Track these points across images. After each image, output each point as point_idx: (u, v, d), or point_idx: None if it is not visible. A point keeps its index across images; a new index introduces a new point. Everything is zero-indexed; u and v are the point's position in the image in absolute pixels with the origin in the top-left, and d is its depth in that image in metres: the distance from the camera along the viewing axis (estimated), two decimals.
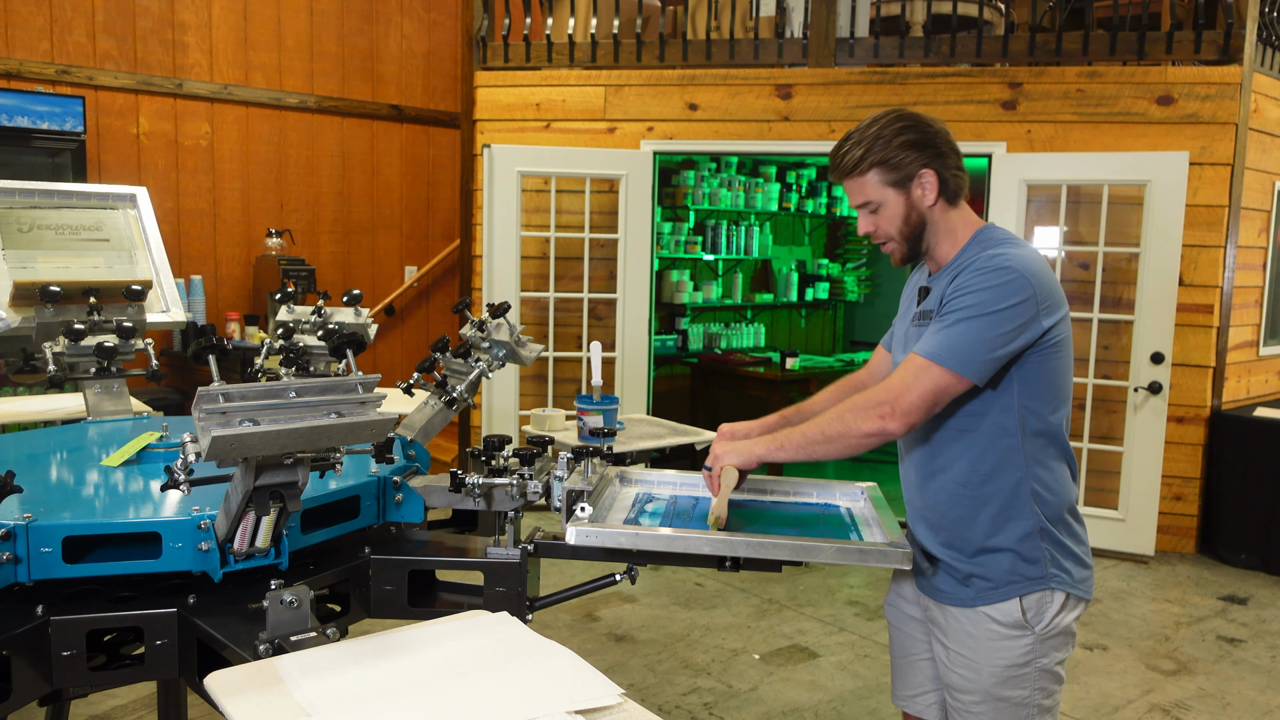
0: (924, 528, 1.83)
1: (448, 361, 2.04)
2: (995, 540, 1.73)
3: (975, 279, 1.65)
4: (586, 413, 2.40)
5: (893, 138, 1.71)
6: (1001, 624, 1.72)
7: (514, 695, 1.19)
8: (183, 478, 1.34)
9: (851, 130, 1.76)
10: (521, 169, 5.34)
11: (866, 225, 1.79)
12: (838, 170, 1.79)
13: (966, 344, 1.63)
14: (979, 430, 1.72)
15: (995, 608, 1.73)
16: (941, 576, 1.80)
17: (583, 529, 1.57)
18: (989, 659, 1.73)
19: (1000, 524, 1.72)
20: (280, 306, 2.46)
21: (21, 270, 2.44)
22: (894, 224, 1.76)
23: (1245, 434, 4.90)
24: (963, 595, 1.76)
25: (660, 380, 6.60)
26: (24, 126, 4.83)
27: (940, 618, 1.81)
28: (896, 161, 1.72)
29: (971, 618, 1.75)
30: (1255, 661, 3.79)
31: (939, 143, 1.74)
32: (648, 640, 3.83)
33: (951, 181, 1.75)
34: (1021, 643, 1.72)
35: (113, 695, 3.20)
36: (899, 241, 1.78)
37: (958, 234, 1.78)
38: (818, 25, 5.26)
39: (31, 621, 1.40)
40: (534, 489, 1.75)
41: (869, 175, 1.74)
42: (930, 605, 1.84)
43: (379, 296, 6.52)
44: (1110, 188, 4.84)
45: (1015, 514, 1.72)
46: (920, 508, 1.84)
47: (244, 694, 1.17)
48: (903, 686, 1.97)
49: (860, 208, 1.79)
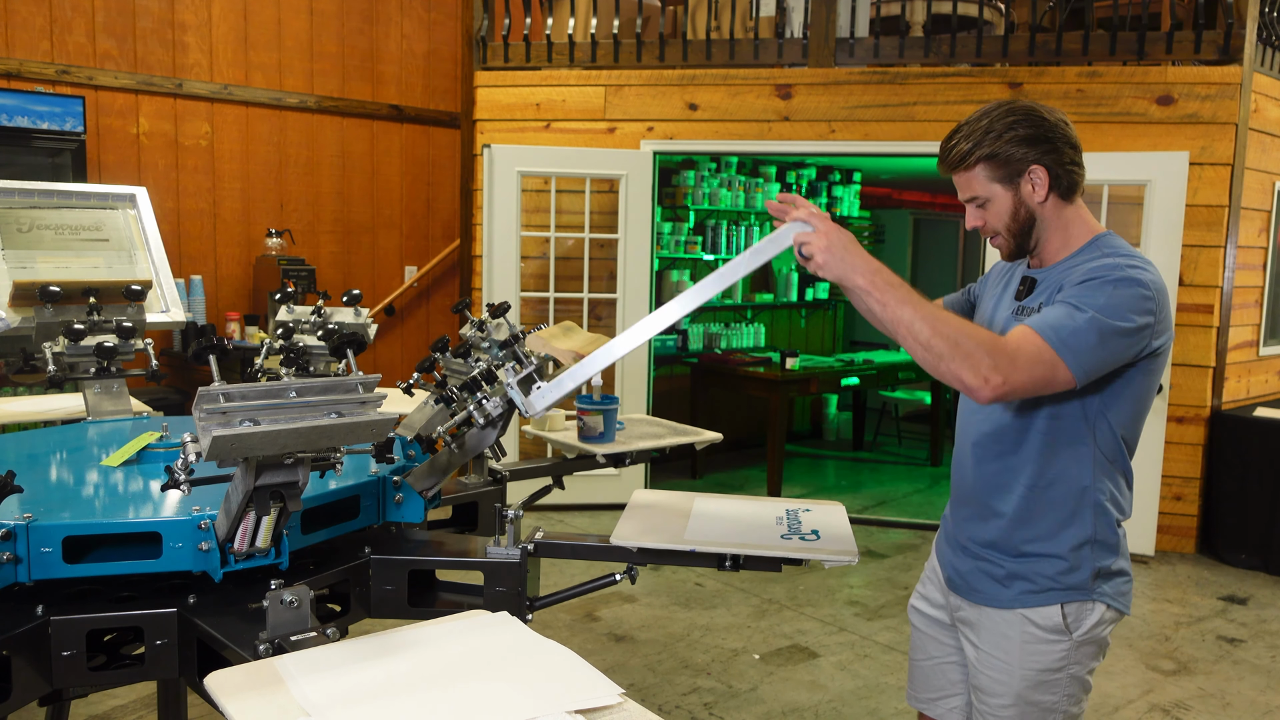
0: (971, 519, 1.78)
1: (448, 361, 2.04)
2: (1047, 545, 1.69)
3: (1114, 289, 1.57)
4: (586, 412, 2.40)
5: (1003, 132, 1.65)
6: (1040, 628, 1.69)
7: (514, 695, 1.19)
8: (183, 478, 1.34)
9: (962, 122, 1.71)
10: (521, 169, 5.34)
11: (974, 219, 1.74)
12: (945, 163, 1.73)
13: (1089, 348, 1.54)
14: (1056, 431, 1.67)
15: (1036, 611, 1.70)
16: (978, 576, 1.77)
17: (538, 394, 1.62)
18: (1023, 662, 1.71)
19: (1056, 529, 1.69)
20: (280, 306, 2.46)
21: (21, 270, 2.44)
22: (1002, 220, 1.70)
23: (1245, 434, 4.90)
24: (1002, 596, 1.73)
25: (660, 380, 6.60)
26: (24, 126, 4.83)
27: (973, 618, 1.78)
28: (1005, 156, 1.66)
29: (1008, 620, 1.72)
30: (1255, 661, 3.79)
31: (1054, 137, 1.66)
32: (648, 640, 3.83)
33: (1065, 178, 1.68)
34: (1058, 648, 1.69)
35: (113, 695, 3.19)
36: (1007, 237, 1.72)
37: (1070, 232, 1.72)
38: (818, 25, 5.26)
39: (31, 621, 1.39)
40: (494, 405, 1.71)
41: (976, 170, 1.68)
42: (963, 605, 1.81)
43: (379, 296, 6.51)
44: (1110, 188, 4.84)
45: (1073, 522, 1.69)
46: (971, 496, 1.79)
47: (244, 694, 1.17)
48: (923, 689, 1.95)
49: (968, 202, 1.73)
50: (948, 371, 1.52)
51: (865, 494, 6.25)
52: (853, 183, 7.99)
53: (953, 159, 1.70)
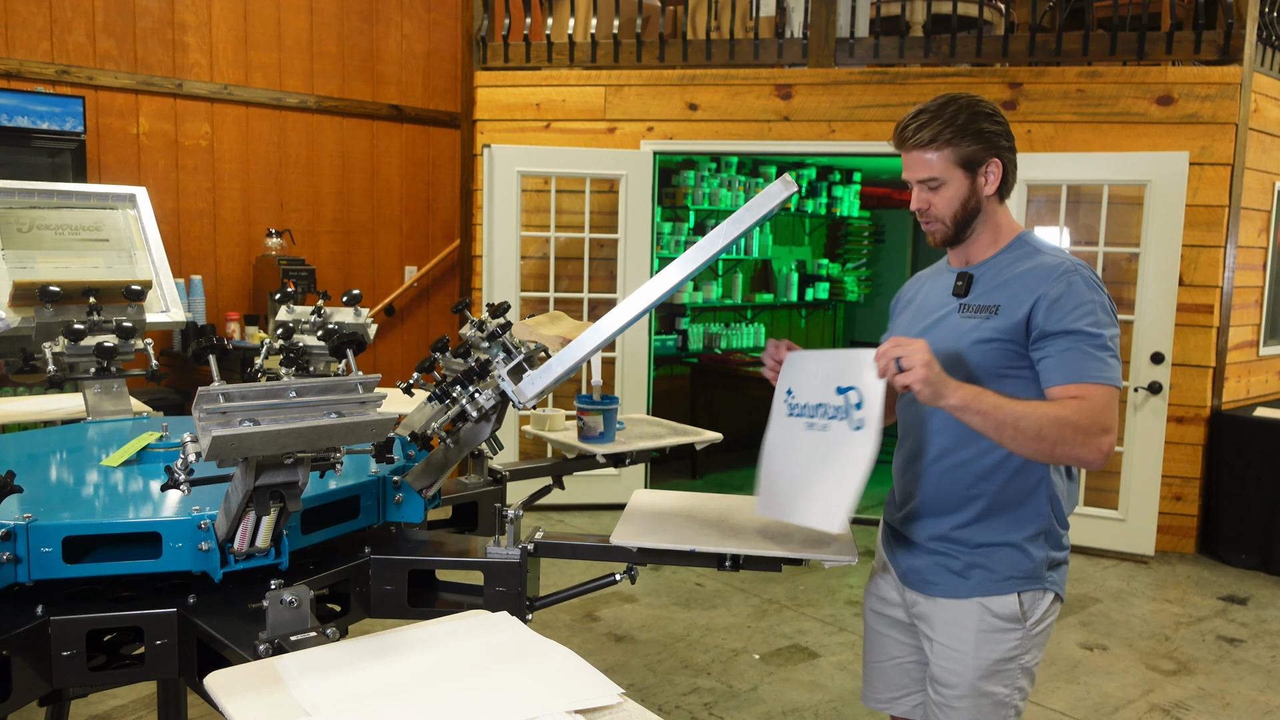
0: (927, 516, 1.81)
1: (447, 361, 2.04)
2: (1005, 535, 1.74)
3: (1087, 295, 1.68)
4: (586, 412, 2.40)
5: (971, 121, 1.70)
6: (997, 616, 1.74)
7: (514, 695, 1.19)
8: (183, 478, 1.34)
9: (924, 105, 1.74)
10: (521, 169, 5.34)
11: (920, 201, 1.76)
12: (908, 141, 1.74)
13: (1117, 362, 1.67)
14: None
15: (994, 600, 1.74)
16: (936, 570, 1.80)
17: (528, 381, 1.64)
18: (978, 651, 1.75)
19: (1014, 521, 1.74)
20: (280, 306, 2.46)
21: (21, 270, 2.44)
22: (951, 205, 1.74)
23: (1245, 434, 4.90)
24: (960, 587, 1.76)
25: (660, 380, 6.60)
26: (24, 126, 4.83)
27: (929, 611, 1.81)
28: (971, 145, 1.71)
29: (965, 609, 1.76)
30: (1255, 661, 3.79)
31: (1009, 136, 1.75)
32: (648, 640, 3.83)
33: (1010, 176, 1.77)
34: (1011, 637, 1.74)
35: (113, 695, 3.19)
36: (948, 224, 1.76)
37: (1000, 230, 1.79)
38: (818, 25, 5.26)
39: (31, 621, 1.40)
40: (486, 398, 1.72)
41: (942, 151, 1.71)
42: (919, 600, 1.83)
43: (379, 296, 6.52)
44: (1110, 188, 4.84)
45: (1030, 513, 1.74)
46: (926, 495, 1.81)
47: (244, 694, 1.17)
48: (883, 689, 1.97)
49: (920, 183, 1.75)
50: (1065, 455, 1.61)
51: (865, 494, 6.24)
52: (853, 183, 7.99)
53: (920, 137, 1.71)
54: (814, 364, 1.77)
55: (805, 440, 1.71)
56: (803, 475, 1.71)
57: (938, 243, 1.80)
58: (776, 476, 1.77)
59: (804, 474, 1.70)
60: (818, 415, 1.70)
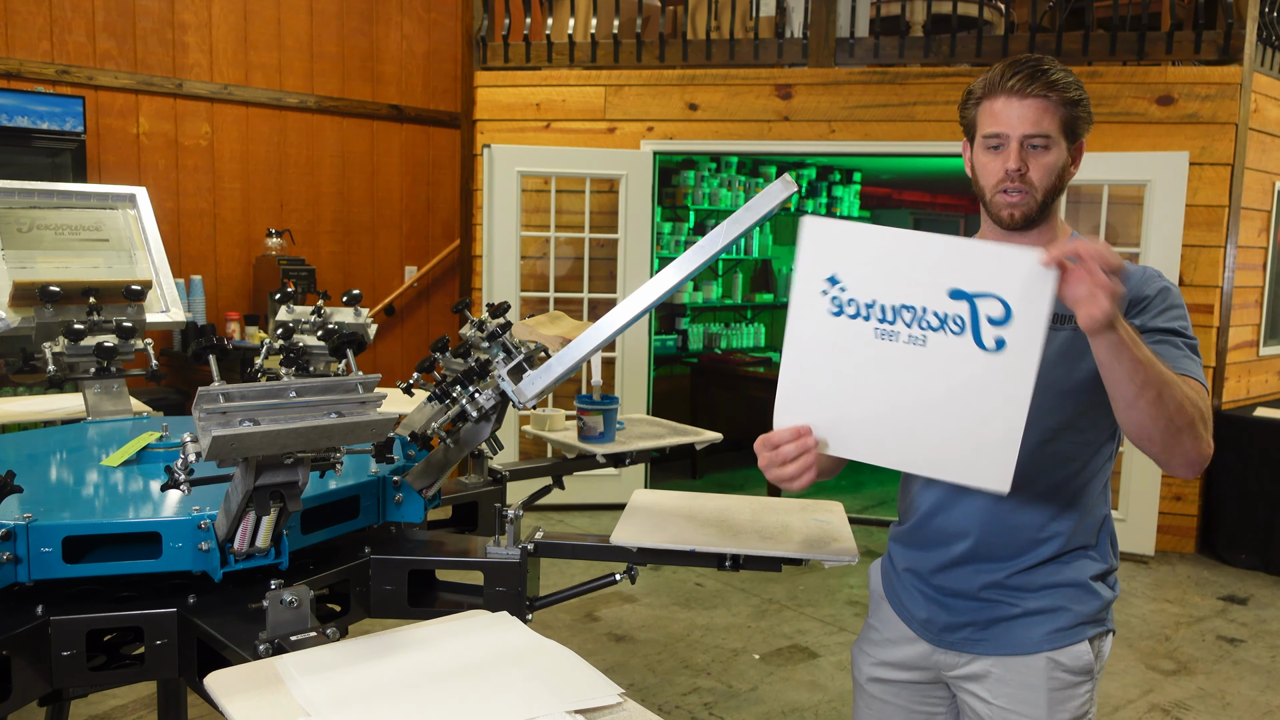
0: (980, 561, 1.54)
1: (447, 361, 2.04)
2: (1074, 576, 1.53)
3: (1178, 301, 1.49)
4: (586, 412, 2.40)
5: (1081, 86, 1.47)
6: (1070, 670, 1.52)
7: (514, 695, 1.19)
8: (183, 478, 1.34)
9: (1041, 55, 1.48)
10: (521, 169, 5.34)
11: (1020, 160, 1.44)
12: (1035, 82, 1.42)
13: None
14: (1090, 458, 1.53)
15: (1065, 652, 1.52)
16: (989, 623, 1.55)
17: (528, 381, 1.64)
18: (1051, 713, 1.52)
19: (1084, 563, 1.54)
20: (280, 306, 2.46)
21: (21, 270, 2.44)
22: (1049, 175, 1.45)
23: (1245, 434, 4.90)
24: (1024, 640, 1.53)
25: (660, 380, 6.60)
26: (24, 126, 4.83)
27: (980, 670, 1.56)
28: (1083, 112, 1.46)
29: (1033, 666, 1.52)
30: (1255, 661, 3.79)
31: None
32: (648, 640, 3.83)
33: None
34: (1083, 690, 1.53)
35: (113, 695, 3.20)
36: (1037, 195, 1.46)
37: (1059, 226, 1.55)
38: (818, 25, 5.26)
39: (31, 621, 1.39)
40: (486, 398, 1.71)
41: (1060, 110, 1.43)
42: (962, 660, 1.58)
43: (379, 296, 6.52)
44: (1110, 188, 4.84)
45: (1097, 553, 1.56)
46: (986, 537, 1.54)
47: (244, 694, 1.17)
48: None
49: (1031, 138, 1.43)
50: (1180, 444, 1.33)
51: (865, 494, 6.25)
52: (853, 183, 7.99)
53: (1054, 79, 1.42)
54: (890, 245, 1.27)
55: (877, 354, 1.27)
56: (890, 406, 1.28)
57: (1016, 221, 1.47)
58: (825, 397, 1.31)
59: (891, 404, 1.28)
60: (900, 322, 1.26)
